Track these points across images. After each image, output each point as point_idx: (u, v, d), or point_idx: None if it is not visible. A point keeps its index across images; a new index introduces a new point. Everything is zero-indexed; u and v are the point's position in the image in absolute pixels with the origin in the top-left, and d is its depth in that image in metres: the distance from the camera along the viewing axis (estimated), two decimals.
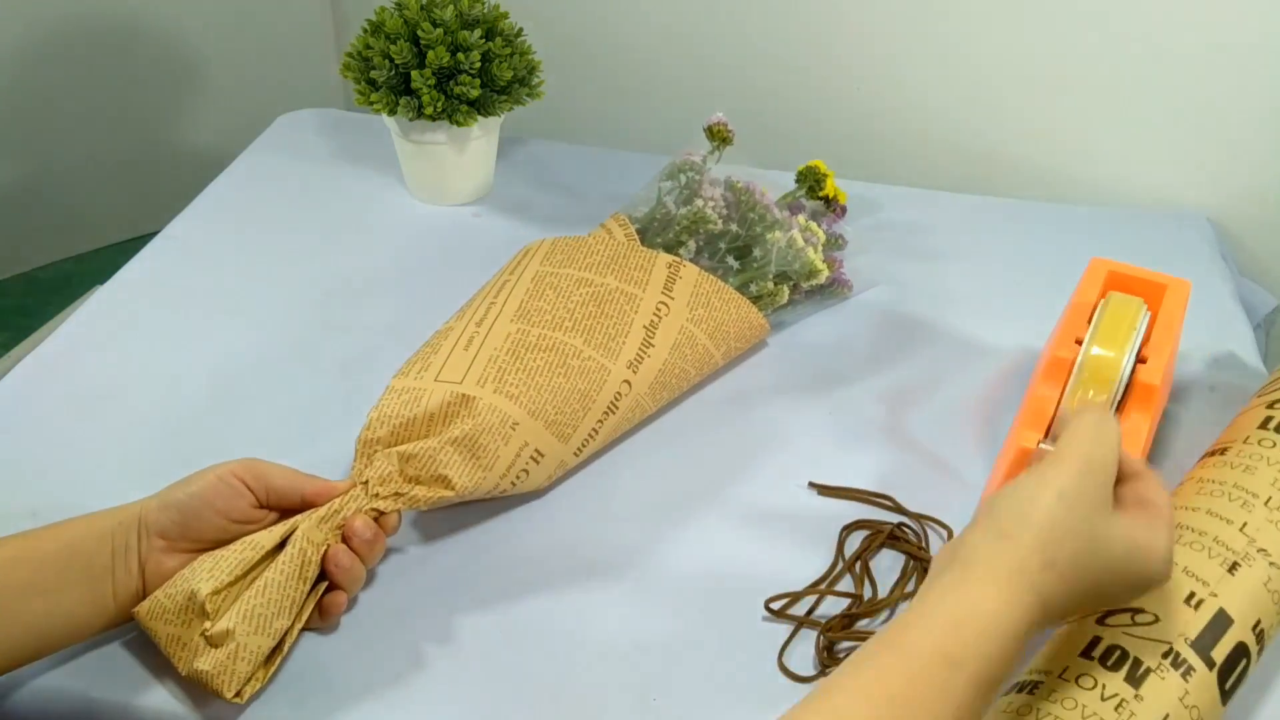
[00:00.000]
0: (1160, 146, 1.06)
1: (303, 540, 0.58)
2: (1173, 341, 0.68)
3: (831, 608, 0.64)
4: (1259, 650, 0.53)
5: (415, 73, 0.89)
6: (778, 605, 0.63)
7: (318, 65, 1.64)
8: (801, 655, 0.61)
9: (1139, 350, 0.65)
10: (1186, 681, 0.50)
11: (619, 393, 0.71)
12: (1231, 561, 0.54)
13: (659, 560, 0.67)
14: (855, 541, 0.68)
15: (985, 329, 0.86)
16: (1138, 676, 0.50)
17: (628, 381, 0.71)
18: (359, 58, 0.92)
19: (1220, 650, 0.51)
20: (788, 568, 0.66)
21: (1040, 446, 0.60)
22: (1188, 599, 0.53)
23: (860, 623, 0.62)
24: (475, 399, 0.65)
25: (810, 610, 0.63)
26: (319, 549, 0.59)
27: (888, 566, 0.66)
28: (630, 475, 0.73)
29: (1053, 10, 1.03)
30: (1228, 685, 0.51)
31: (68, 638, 0.56)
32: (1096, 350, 0.63)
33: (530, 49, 0.96)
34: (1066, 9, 1.03)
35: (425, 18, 0.90)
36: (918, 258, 0.95)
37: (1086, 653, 0.51)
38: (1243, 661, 0.52)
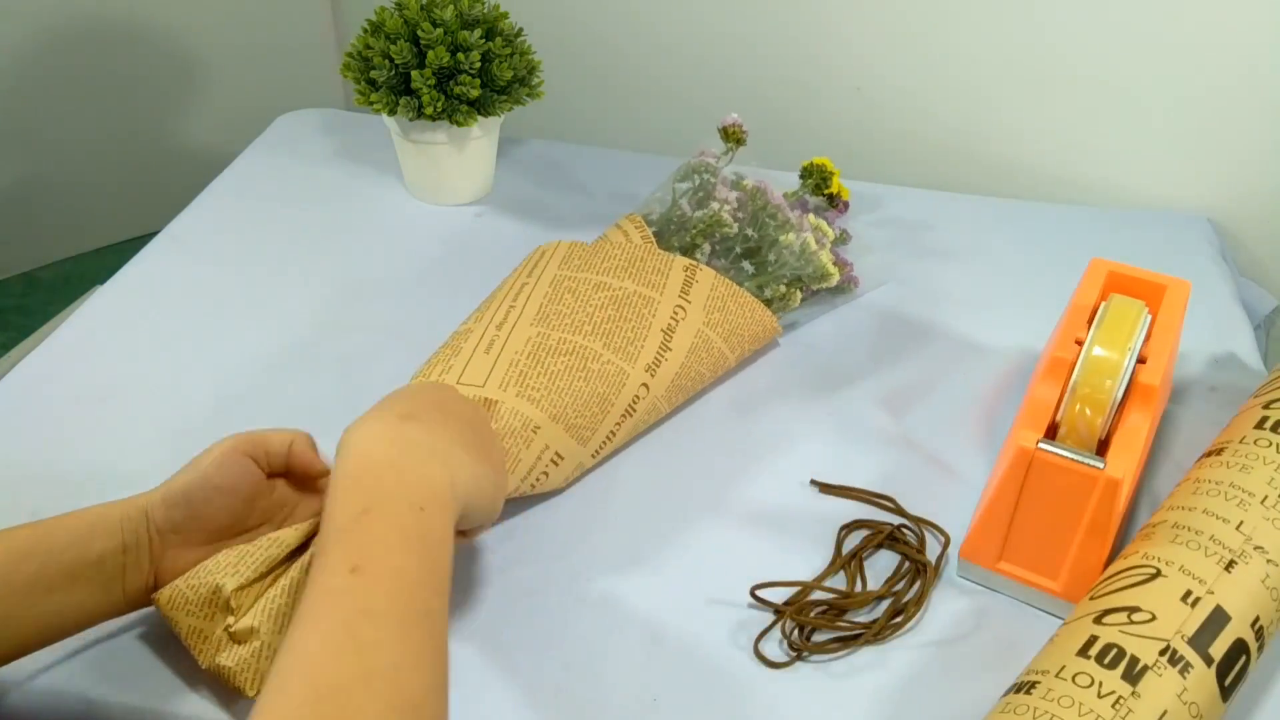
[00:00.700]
0: (1160, 146, 1.07)
1: None
2: (1173, 342, 0.69)
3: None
4: (1259, 647, 0.53)
5: (415, 73, 0.89)
6: (763, 594, 0.63)
7: (318, 65, 1.64)
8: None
9: (1139, 351, 0.65)
10: (1185, 679, 0.50)
11: (637, 395, 0.71)
12: (1228, 559, 0.54)
13: (659, 559, 0.67)
14: (855, 541, 0.68)
15: (985, 329, 0.86)
16: (1135, 674, 0.50)
17: (645, 384, 0.72)
18: (359, 58, 0.92)
19: (1218, 647, 0.51)
20: (788, 566, 0.66)
21: (1039, 446, 0.60)
22: (1184, 597, 0.53)
23: (844, 615, 0.63)
24: (498, 403, 0.66)
25: (790, 600, 0.63)
26: None
27: (885, 567, 0.66)
28: (632, 474, 0.73)
29: (1053, 10, 1.03)
30: (1227, 682, 0.51)
31: (75, 628, 0.55)
32: (1098, 351, 0.63)
33: (530, 49, 0.96)
34: (1066, 9, 1.03)
35: (425, 18, 0.90)
36: (917, 258, 0.95)
37: (1083, 651, 0.51)
38: (1242, 658, 0.52)
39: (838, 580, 0.65)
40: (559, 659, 0.60)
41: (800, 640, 0.61)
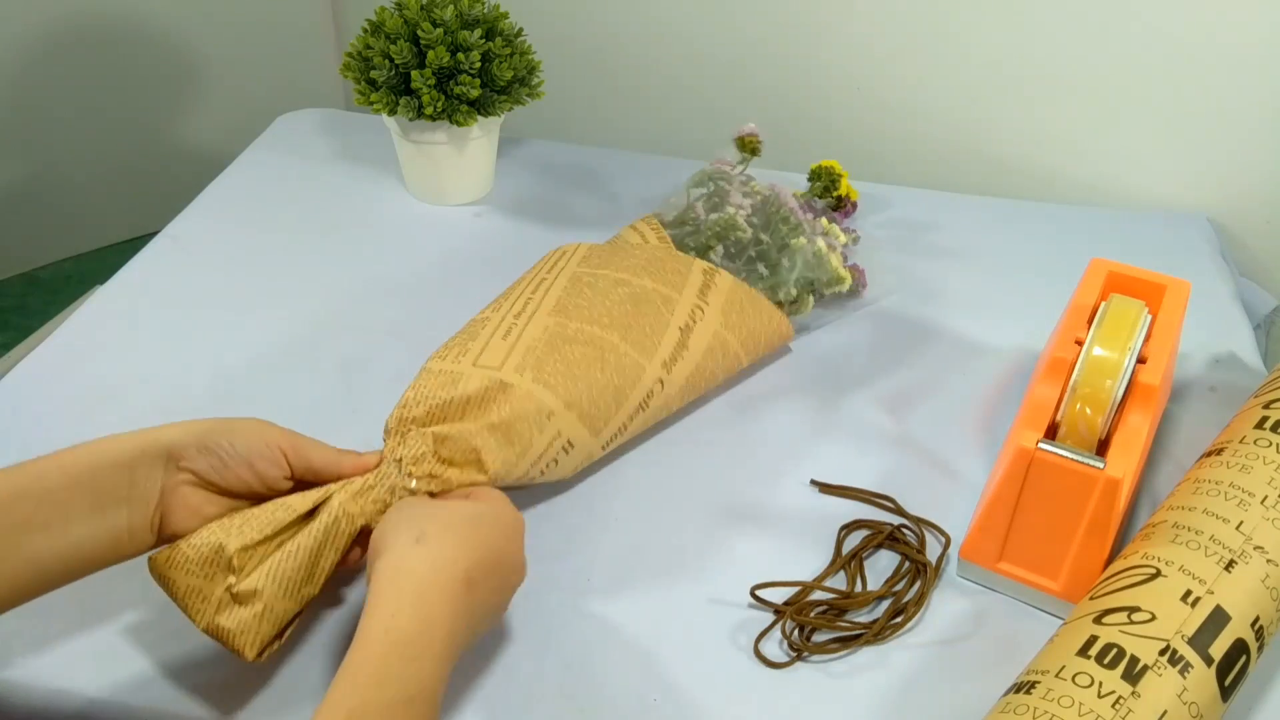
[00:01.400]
0: (1160, 146, 1.07)
1: (338, 510, 0.58)
2: (1172, 342, 0.69)
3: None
4: (1259, 647, 0.53)
5: (415, 73, 0.89)
6: (763, 594, 0.64)
7: (318, 65, 1.64)
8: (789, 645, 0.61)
9: (1139, 351, 0.65)
10: (1184, 678, 0.50)
11: (652, 391, 0.71)
12: (1228, 559, 0.54)
13: (660, 559, 0.67)
14: (855, 541, 0.68)
15: (985, 329, 0.86)
16: (1135, 674, 0.50)
17: (661, 380, 0.72)
18: (359, 58, 0.92)
19: (1218, 647, 0.51)
20: (788, 566, 0.66)
21: (1039, 446, 0.60)
22: (1184, 597, 0.53)
23: (844, 616, 0.63)
24: (513, 386, 0.66)
25: (790, 600, 0.63)
26: (353, 521, 0.58)
27: (885, 567, 0.66)
28: (633, 474, 0.73)
29: (1053, 11, 1.03)
30: (1227, 682, 0.51)
31: (77, 572, 0.53)
32: (1098, 351, 0.63)
33: (530, 49, 0.96)
34: (1066, 9, 1.03)
35: (425, 18, 0.90)
36: (918, 258, 0.95)
37: (1083, 651, 0.51)
38: (1242, 658, 0.52)
39: (838, 580, 0.65)
40: (559, 659, 0.60)
41: (800, 640, 0.61)
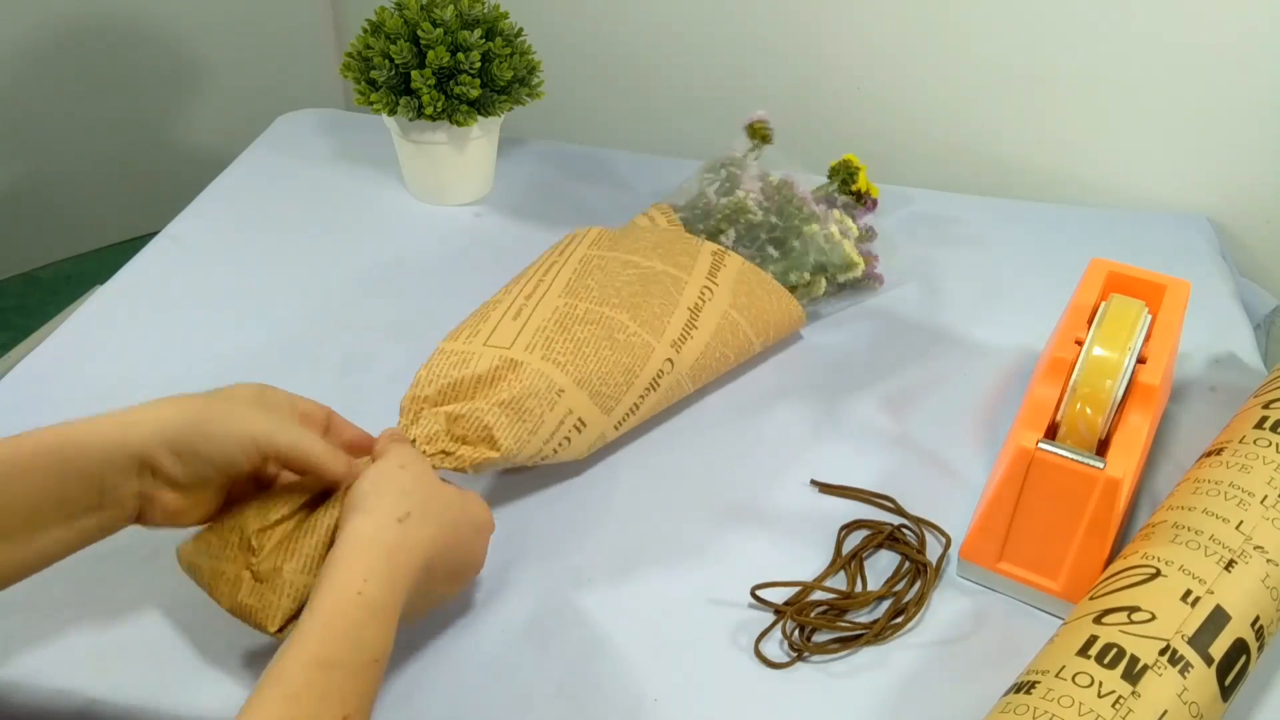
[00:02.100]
0: (1160, 146, 1.07)
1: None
2: (1172, 342, 0.68)
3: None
4: (1259, 646, 0.53)
5: (415, 73, 0.89)
6: (763, 594, 0.64)
7: (318, 65, 1.64)
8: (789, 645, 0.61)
9: (1139, 352, 0.65)
10: (1185, 678, 0.50)
11: (661, 370, 0.72)
12: (1228, 559, 0.54)
13: (660, 559, 0.67)
14: (855, 541, 0.68)
15: (986, 329, 0.86)
16: (1135, 674, 0.50)
17: (670, 360, 0.72)
18: (359, 58, 0.92)
19: (1218, 647, 0.51)
20: (788, 566, 0.66)
21: (1039, 446, 0.60)
22: (1184, 597, 0.53)
23: (844, 616, 0.63)
24: (523, 363, 0.66)
25: (790, 600, 0.63)
26: None
27: (885, 567, 0.66)
28: (632, 474, 0.73)
29: (1053, 11, 1.03)
30: (1228, 681, 0.51)
31: (42, 568, 0.52)
32: (1098, 351, 0.63)
33: (530, 49, 0.96)
34: (1066, 10, 1.03)
35: (425, 18, 0.90)
36: (918, 257, 0.95)
37: (1083, 651, 0.51)
38: (1242, 658, 0.52)
39: (838, 580, 0.65)
40: (559, 659, 0.60)
41: (801, 640, 0.61)
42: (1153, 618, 0.52)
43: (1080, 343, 0.65)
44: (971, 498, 0.71)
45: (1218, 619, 0.52)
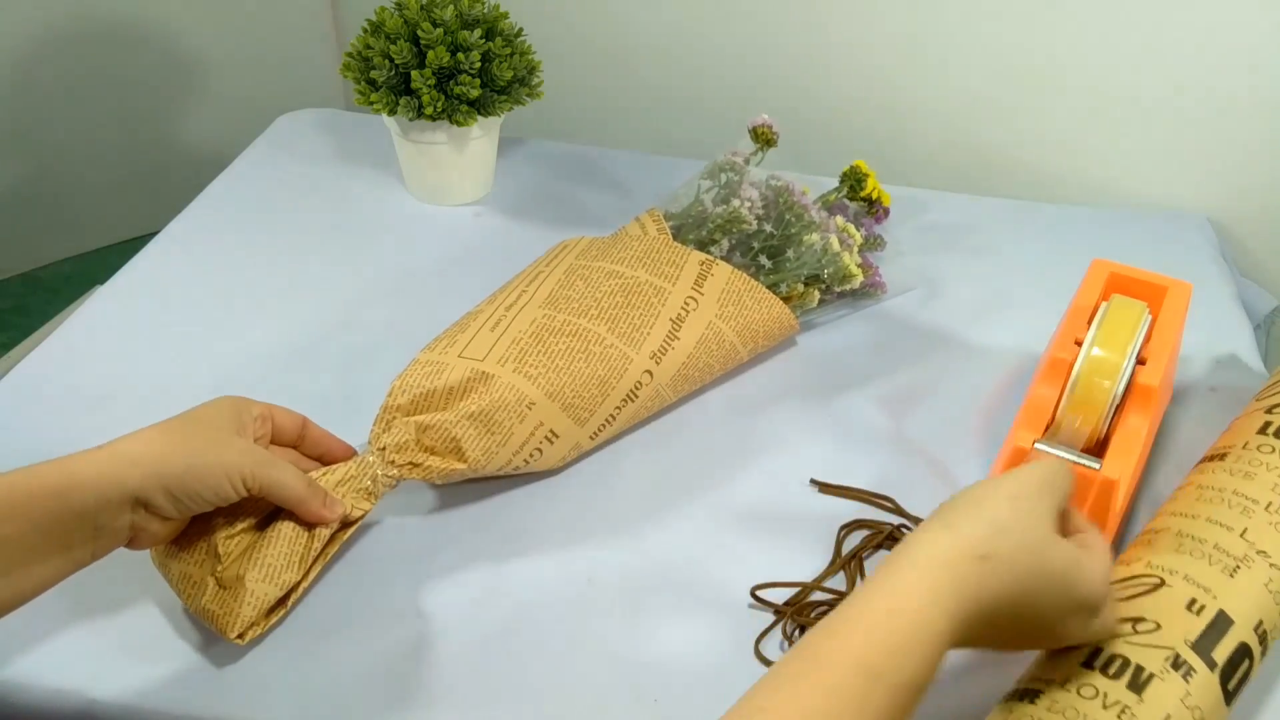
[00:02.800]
0: (1160, 146, 1.07)
1: None
2: (1173, 344, 0.68)
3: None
4: (1262, 650, 0.53)
5: (415, 73, 0.89)
6: (763, 594, 0.64)
7: (318, 65, 1.64)
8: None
9: (1139, 353, 0.64)
10: (1188, 683, 0.50)
11: (640, 382, 0.72)
12: (1233, 567, 0.54)
13: (659, 559, 0.67)
14: (855, 541, 0.68)
15: (986, 329, 0.86)
16: (1140, 683, 0.50)
17: (649, 371, 0.72)
18: (359, 58, 0.92)
19: (1221, 651, 0.51)
20: (788, 566, 0.66)
21: (1036, 446, 0.60)
22: (1189, 605, 0.53)
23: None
24: (493, 376, 0.67)
25: (790, 600, 0.63)
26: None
27: None
28: (631, 473, 0.73)
29: (1053, 11, 1.03)
30: (1231, 685, 0.51)
31: (35, 595, 0.53)
32: (1096, 351, 0.63)
33: (530, 49, 0.96)
34: (1067, 10, 1.03)
35: (425, 18, 0.90)
36: (919, 258, 0.95)
37: (1088, 663, 0.51)
38: (1245, 662, 0.52)
39: (838, 580, 0.65)
40: (559, 659, 0.60)
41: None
42: (1158, 627, 0.52)
43: (1080, 343, 0.65)
44: None
45: (1221, 624, 0.52)
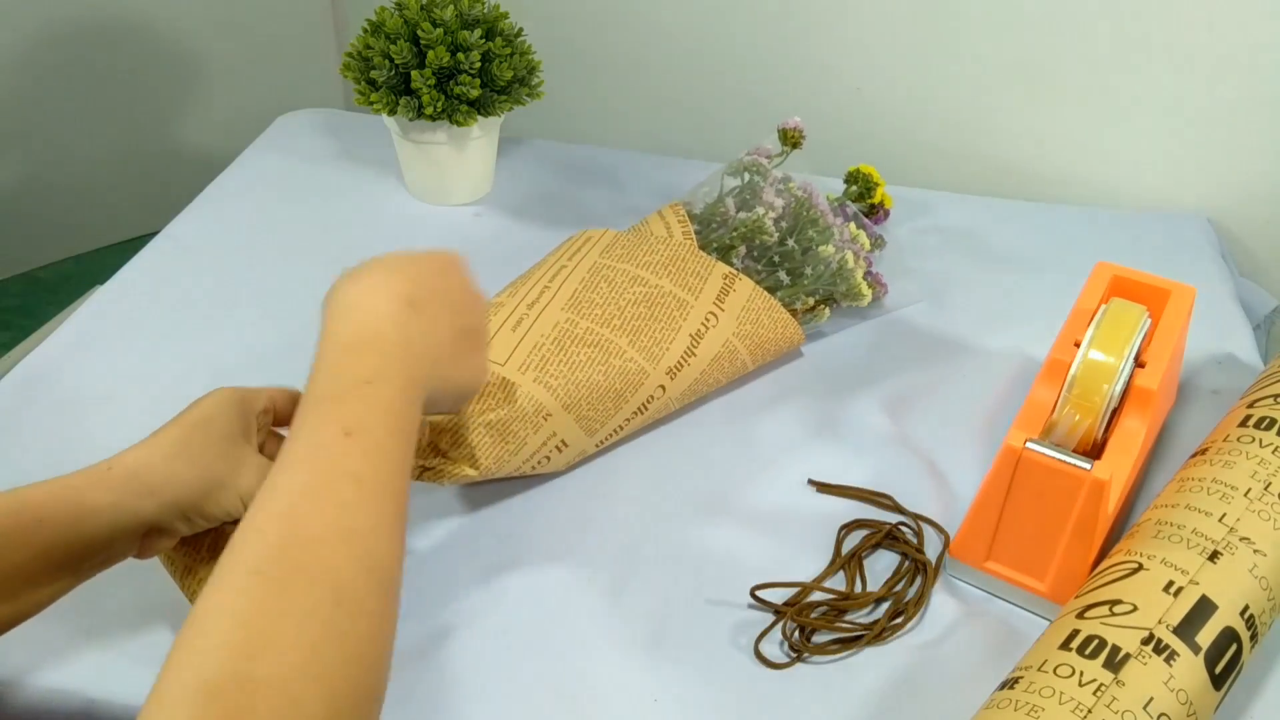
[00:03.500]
0: (1160, 146, 1.07)
1: None
2: (1174, 347, 0.68)
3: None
4: (1251, 636, 0.53)
5: (415, 73, 0.89)
6: (763, 594, 0.64)
7: (318, 65, 1.64)
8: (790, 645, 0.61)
9: (1138, 355, 0.65)
10: (1171, 666, 0.50)
11: (652, 395, 0.72)
12: (1211, 550, 0.55)
13: (659, 559, 0.67)
14: (855, 541, 0.68)
15: (987, 331, 0.86)
16: (1116, 663, 0.50)
17: (663, 386, 0.72)
18: (359, 58, 0.92)
19: (1206, 635, 0.52)
20: (788, 566, 0.66)
21: (1026, 445, 0.60)
22: (1166, 588, 0.53)
23: (844, 616, 0.63)
24: (515, 386, 0.66)
25: (790, 600, 0.63)
26: None
27: (885, 567, 0.66)
28: (631, 474, 0.73)
29: (1053, 12, 1.03)
30: (1218, 670, 0.51)
31: (47, 606, 0.53)
32: (1094, 354, 0.63)
33: (530, 49, 0.96)
34: (1067, 10, 1.03)
35: (425, 18, 0.90)
36: (919, 258, 0.95)
37: (1065, 645, 0.52)
38: (1233, 646, 0.52)
39: (837, 580, 0.65)
40: (559, 659, 0.61)
41: (800, 641, 0.61)
42: (1134, 609, 0.53)
43: (1079, 345, 0.65)
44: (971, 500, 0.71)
45: (1204, 609, 0.52)
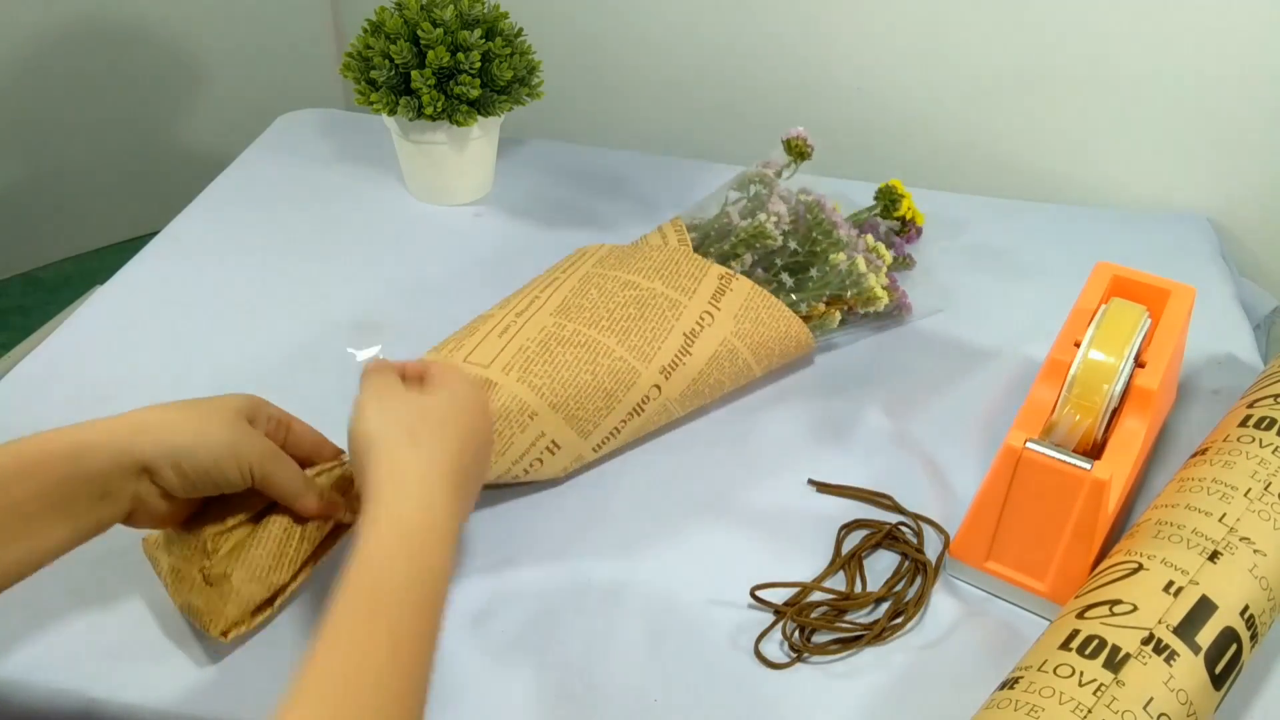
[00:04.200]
0: (1160, 146, 1.07)
1: None
2: (1174, 348, 0.68)
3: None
4: (1251, 636, 0.53)
5: (415, 73, 0.89)
6: (763, 594, 0.64)
7: (318, 65, 1.64)
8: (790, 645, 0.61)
9: (1138, 356, 0.65)
10: (1171, 666, 0.50)
11: (648, 396, 0.71)
12: (1211, 550, 0.55)
13: (660, 559, 0.67)
14: (855, 541, 0.68)
15: (988, 331, 0.86)
16: (1116, 663, 0.50)
17: (658, 386, 0.71)
18: (359, 58, 0.92)
19: (1206, 635, 0.52)
20: (788, 566, 0.66)
21: (1026, 445, 0.60)
22: (1166, 588, 0.53)
23: (844, 616, 0.63)
24: (497, 384, 0.66)
25: (790, 600, 0.63)
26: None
27: (885, 567, 0.66)
28: (632, 474, 0.73)
29: (1053, 11, 1.03)
30: (1218, 670, 0.51)
31: (40, 566, 0.53)
32: (1094, 354, 0.63)
33: (530, 49, 0.96)
34: (1067, 10, 1.03)
35: (425, 18, 0.90)
36: (920, 259, 0.95)
37: (1065, 645, 0.52)
38: (1233, 646, 0.52)
39: (838, 580, 0.65)
40: (559, 659, 0.61)
41: (801, 641, 0.61)
42: (1134, 609, 0.52)
43: (1079, 345, 0.65)
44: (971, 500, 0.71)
45: (1204, 609, 0.52)
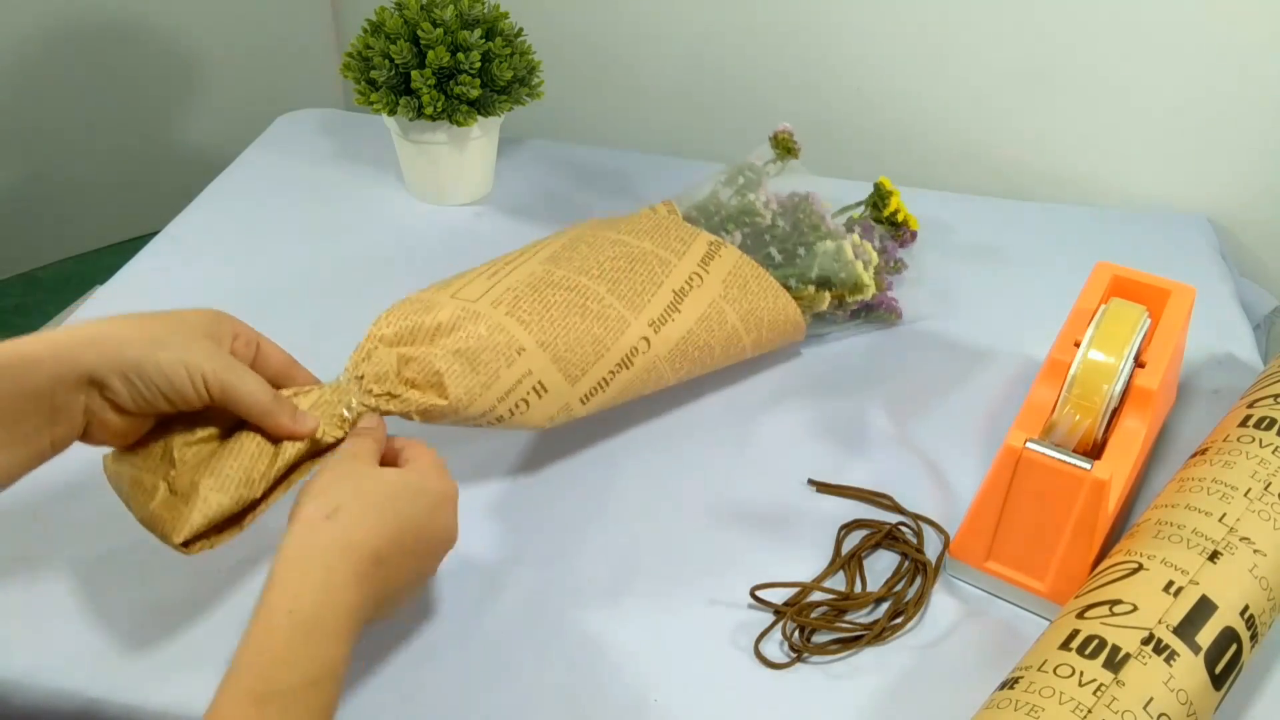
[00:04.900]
0: (1160, 146, 1.07)
1: None
2: (1174, 348, 0.68)
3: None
4: (1252, 636, 0.54)
5: (415, 73, 0.89)
6: (763, 594, 0.64)
7: (318, 65, 1.64)
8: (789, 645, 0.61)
9: (1138, 356, 0.65)
10: (1171, 666, 0.50)
11: (636, 348, 0.70)
12: (1211, 550, 0.55)
13: (659, 559, 0.67)
14: (855, 541, 0.68)
15: (987, 330, 0.86)
16: (1116, 663, 0.50)
17: (646, 339, 0.70)
18: (359, 58, 0.92)
19: (1206, 635, 0.52)
20: (788, 566, 0.66)
21: (1026, 445, 0.60)
22: (1166, 588, 0.53)
23: (844, 616, 0.63)
24: (483, 315, 0.66)
25: (790, 600, 0.63)
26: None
27: (885, 567, 0.66)
28: (630, 473, 0.73)
29: (1053, 11, 1.03)
30: (1218, 670, 0.51)
31: (2, 488, 0.52)
32: (1094, 354, 0.63)
33: (530, 49, 0.96)
34: (1067, 10, 1.03)
35: (425, 18, 0.90)
36: (920, 259, 0.95)
37: (1065, 645, 0.52)
38: (1233, 646, 0.52)
39: (837, 580, 0.65)
40: (559, 659, 0.61)
41: (800, 641, 0.61)
42: (1134, 609, 0.53)
43: (1079, 345, 0.65)
44: (971, 500, 0.71)
45: (1204, 609, 0.52)
